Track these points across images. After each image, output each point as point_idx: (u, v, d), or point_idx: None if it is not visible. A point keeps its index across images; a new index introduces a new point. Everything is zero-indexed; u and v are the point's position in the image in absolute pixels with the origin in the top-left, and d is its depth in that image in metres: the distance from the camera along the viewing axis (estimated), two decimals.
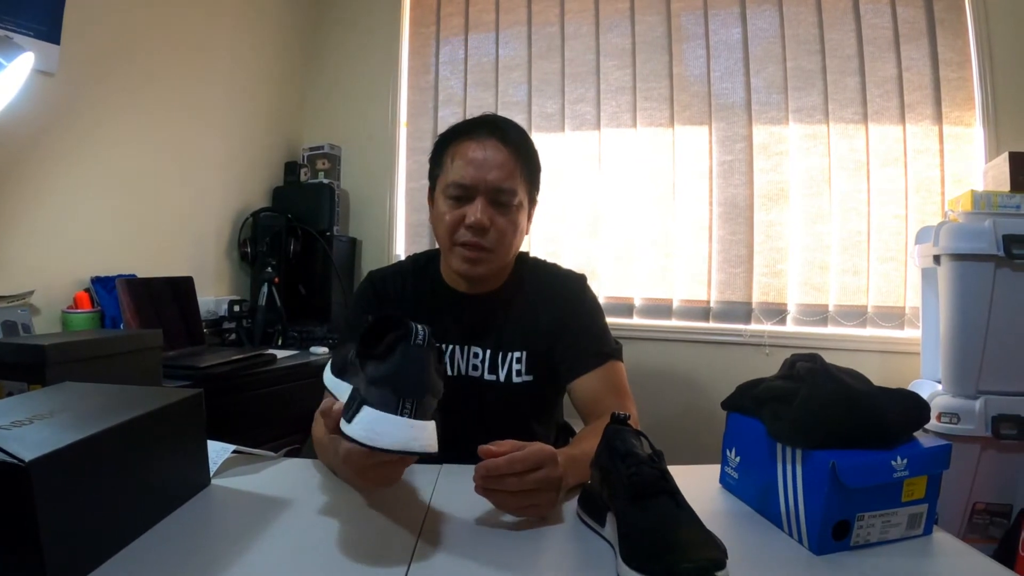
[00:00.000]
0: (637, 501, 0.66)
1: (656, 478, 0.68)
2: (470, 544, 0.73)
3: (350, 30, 3.08)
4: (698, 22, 2.64)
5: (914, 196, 2.40)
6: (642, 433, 0.77)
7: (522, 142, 1.14)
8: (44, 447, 0.58)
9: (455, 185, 1.09)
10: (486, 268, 1.12)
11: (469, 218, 1.07)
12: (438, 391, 0.69)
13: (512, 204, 1.10)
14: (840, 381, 0.77)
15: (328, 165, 2.89)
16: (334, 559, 0.68)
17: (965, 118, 2.35)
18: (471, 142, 1.10)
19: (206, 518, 0.79)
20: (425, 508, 0.83)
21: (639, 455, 0.71)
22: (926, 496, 0.74)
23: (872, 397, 0.77)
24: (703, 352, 2.58)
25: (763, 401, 0.82)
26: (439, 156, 1.15)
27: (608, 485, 0.72)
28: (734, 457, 0.89)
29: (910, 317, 2.37)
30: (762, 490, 0.81)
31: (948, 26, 2.37)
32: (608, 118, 2.75)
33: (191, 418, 0.85)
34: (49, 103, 1.81)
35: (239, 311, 2.41)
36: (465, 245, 1.09)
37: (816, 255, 2.51)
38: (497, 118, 1.15)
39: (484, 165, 1.08)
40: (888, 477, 0.71)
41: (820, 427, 0.73)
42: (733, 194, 2.60)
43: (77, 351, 1.22)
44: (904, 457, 0.71)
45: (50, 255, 1.85)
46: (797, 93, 2.53)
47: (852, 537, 0.72)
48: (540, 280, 1.24)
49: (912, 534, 0.75)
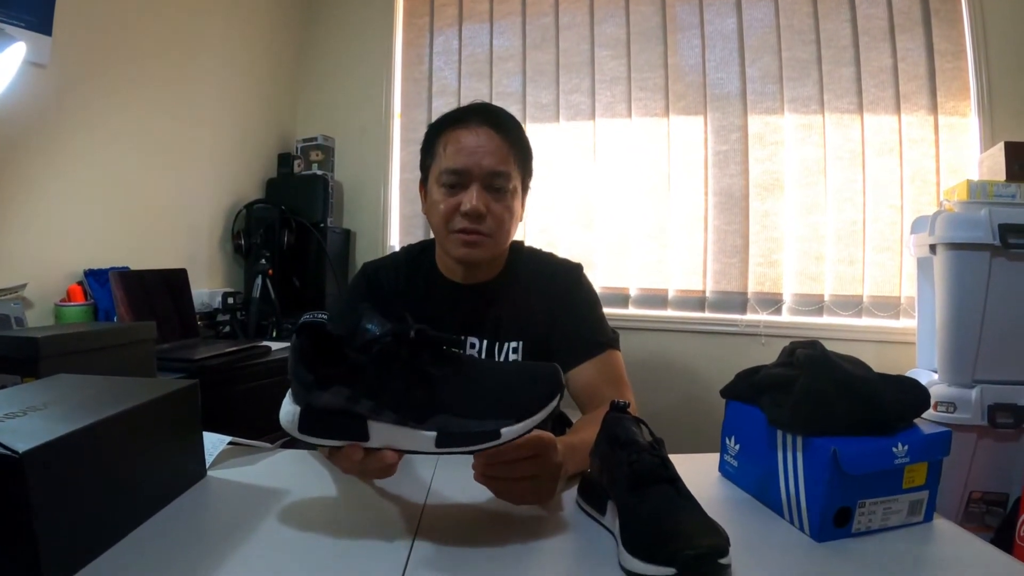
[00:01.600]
0: (638, 489, 0.66)
1: (656, 466, 0.68)
2: (469, 533, 0.73)
3: (343, 21, 3.06)
4: (693, 12, 2.63)
5: (909, 186, 2.41)
6: (642, 420, 0.77)
7: (514, 128, 1.14)
8: (38, 438, 0.57)
9: (449, 172, 1.08)
10: (485, 252, 1.12)
11: (465, 205, 1.07)
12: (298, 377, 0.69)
13: (507, 189, 1.10)
14: (840, 368, 0.77)
15: (322, 156, 2.87)
16: (331, 550, 0.68)
17: (960, 108, 2.35)
18: (463, 129, 1.09)
19: (202, 509, 0.78)
20: (423, 498, 0.82)
21: (639, 443, 0.70)
22: (927, 483, 0.74)
23: (872, 383, 0.76)
24: (699, 342, 2.59)
25: (762, 389, 0.81)
26: (431, 145, 1.15)
27: (608, 473, 0.72)
28: (733, 445, 0.89)
29: (906, 307, 2.38)
30: (762, 478, 0.81)
31: (943, 16, 2.37)
32: (603, 108, 2.74)
33: (186, 409, 0.84)
34: (41, 95, 1.80)
35: (233, 303, 2.40)
36: (463, 231, 1.09)
37: (812, 245, 2.51)
38: (488, 105, 1.15)
39: (478, 151, 1.07)
40: (889, 464, 0.71)
41: (820, 414, 0.72)
42: (728, 184, 2.60)
43: (70, 344, 1.22)
44: (905, 444, 0.71)
45: (42, 248, 1.84)
46: (792, 83, 2.52)
47: (853, 524, 0.71)
48: (536, 269, 1.23)
49: (913, 521, 0.75)
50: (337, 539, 0.70)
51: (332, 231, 2.78)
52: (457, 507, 0.80)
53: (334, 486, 0.86)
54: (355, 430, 0.67)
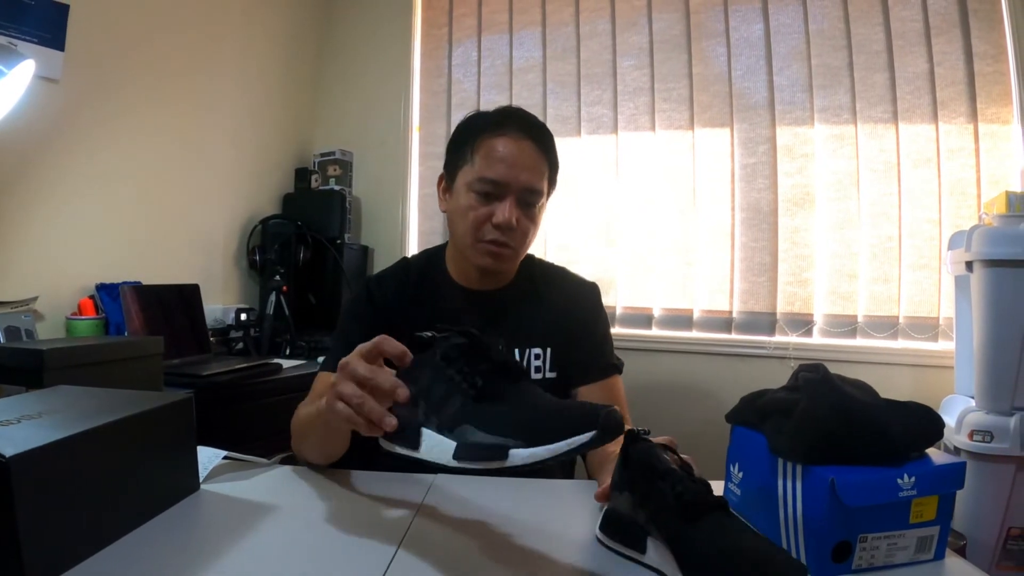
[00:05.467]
0: (691, 520, 0.63)
1: (704, 492, 0.66)
2: (453, 558, 0.71)
3: (361, 34, 3.05)
4: (718, 18, 2.56)
5: (948, 199, 2.29)
6: (668, 446, 0.74)
7: (550, 141, 1.15)
8: (26, 444, 0.59)
9: (486, 181, 1.07)
10: (508, 264, 1.14)
11: (498, 217, 1.07)
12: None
13: (537, 205, 1.12)
14: (841, 392, 0.73)
15: (339, 171, 2.86)
16: (312, 565, 0.68)
17: (1002, 115, 2.24)
18: (504, 138, 1.08)
19: (191, 522, 0.79)
20: (411, 519, 0.81)
21: (676, 471, 0.68)
22: (937, 518, 0.70)
23: (875, 409, 0.72)
24: (725, 365, 2.49)
25: (766, 414, 0.76)
26: (462, 146, 1.13)
27: (647, 508, 0.68)
28: (737, 472, 0.84)
29: (944, 328, 2.26)
30: (764, 508, 0.76)
31: (982, 17, 2.25)
32: (625, 121, 2.68)
33: (180, 422, 0.85)
34: (54, 109, 1.82)
35: (246, 320, 2.38)
36: (492, 243, 1.09)
37: (844, 263, 2.41)
38: (527, 114, 1.14)
39: (517, 164, 1.07)
40: (893, 496, 0.66)
41: (819, 440, 0.69)
42: (756, 199, 2.51)
43: (76, 356, 1.25)
44: (912, 475, 0.67)
45: (54, 261, 1.85)
46: (823, 91, 2.43)
47: (854, 560, 0.67)
48: (556, 283, 1.26)
49: (921, 559, 0.70)
50: (317, 555, 0.70)
51: (349, 247, 2.75)
52: (443, 533, 0.78)
53: (324, 503, 0.87)
54: (410, 438, 0.66)
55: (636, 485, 0.71)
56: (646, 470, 0.69)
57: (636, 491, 0.70)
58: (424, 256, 1.27)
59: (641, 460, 0.71)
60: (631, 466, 0.72)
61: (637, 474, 0.71)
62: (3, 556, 0.57)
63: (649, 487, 0.68)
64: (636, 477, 0.71)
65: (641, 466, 0.70)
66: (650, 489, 0.68)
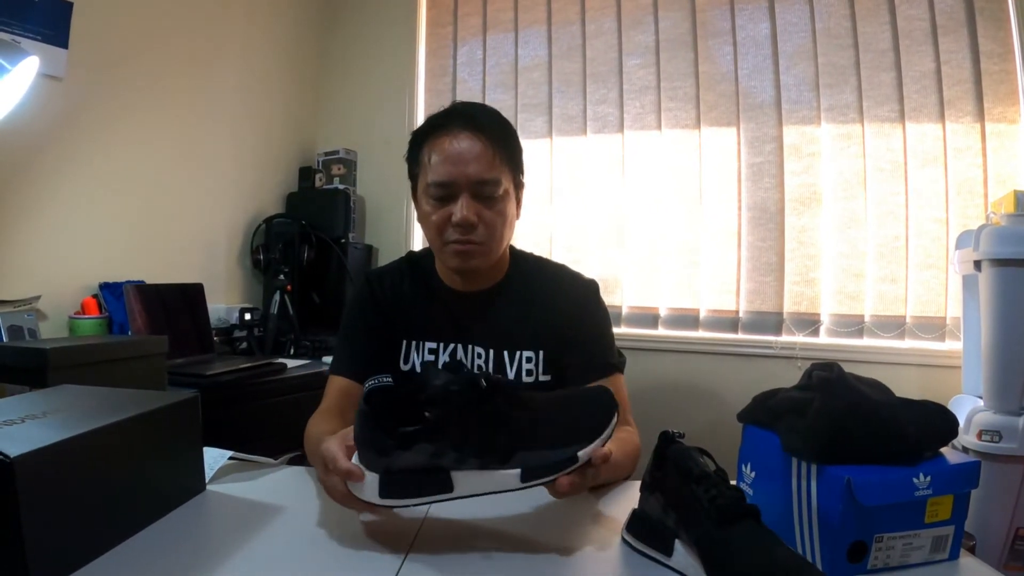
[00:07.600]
0: (723, 526, 0.63)
1: (739, 499, 0.65)
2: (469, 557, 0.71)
3: (365, 32, 3.04)
4: (724, 17, 2.55)
5: (955, 198, 2.28)
6: (705, 451, 0.73)
7: (497, 126, 1.09)
8: (30, 444, 0.59)
9: (435, 185, 1.05)
10: (480, 261, 1.09)
11: (455, 216, 1.04)
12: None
13: (497, 195, 1.07)
14: (856, 391, 0.73)
15: (343, 170, 2.84)
16: (321, 566, 0.68)
17: (1009, 114, 2.23)
18: (445, 136, 1.05)
19: (196, 523, 0.79)
20: (421, 519, 0.80)
21: (712, 476, 0.68)
22: (952, 517, 0.69)
23: (891, 408, 0.72)
24: (731, 365, 2.48)
25: (779, 413, 0.76)
26: (415, 154, 1.11)
27: (678, 510, 0.68)
28: (749, 472, 0.83)
29: (951, 328, 2.25)
30: (777, 508, 0.75)
31: (989, 15, 2.24)
32: (631, 120, 2.67)
33: (186, 422, 0.85)
34: (58, 107, 1.81)
35: (250, 319, 2.37)
36: (456, 242, 1.06)
37: (851, 262, 2.40)
38: (468, 105, 1.11)
39: (462, 160, 1.04)
40: (909, 495, 0.66)
41: (834, 440, 0.68)
42: (763, 198, 2.50)
43: (79, 355, 1.24)
44: (928, 474, 0.67)
45: (58, 260, 1.85)
46: (829, 90, 2.42)
47: (869, 560, 0.67)
48: (549, 281, 1.20)
49: (936, 558, 0.70)
50: (328, 556, 0.70)
51: (353, 247, 2.74)
52: (452, 536, 0.78)
53: (331, 504, 0.85)
54: (440, 483, 0.68)
55: (668, 486, 0.70)
56: (681, 472, 0.69)
57: (667, 493, 0.70)
58: (421, 254, 1.26)
59: (677, 462, 0.70)
60: (665, 467, 0.72)
61: (671, 475, 0.70)
62: (8, 558, 0.56)
63: (682, 489, 0.68)
64: (669, 478, 0.71)
65: (676, 468, 0.70)
66: (683, 491, 0.68)
